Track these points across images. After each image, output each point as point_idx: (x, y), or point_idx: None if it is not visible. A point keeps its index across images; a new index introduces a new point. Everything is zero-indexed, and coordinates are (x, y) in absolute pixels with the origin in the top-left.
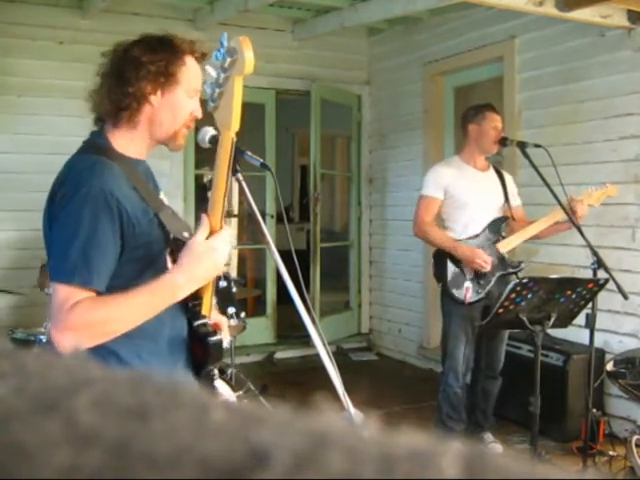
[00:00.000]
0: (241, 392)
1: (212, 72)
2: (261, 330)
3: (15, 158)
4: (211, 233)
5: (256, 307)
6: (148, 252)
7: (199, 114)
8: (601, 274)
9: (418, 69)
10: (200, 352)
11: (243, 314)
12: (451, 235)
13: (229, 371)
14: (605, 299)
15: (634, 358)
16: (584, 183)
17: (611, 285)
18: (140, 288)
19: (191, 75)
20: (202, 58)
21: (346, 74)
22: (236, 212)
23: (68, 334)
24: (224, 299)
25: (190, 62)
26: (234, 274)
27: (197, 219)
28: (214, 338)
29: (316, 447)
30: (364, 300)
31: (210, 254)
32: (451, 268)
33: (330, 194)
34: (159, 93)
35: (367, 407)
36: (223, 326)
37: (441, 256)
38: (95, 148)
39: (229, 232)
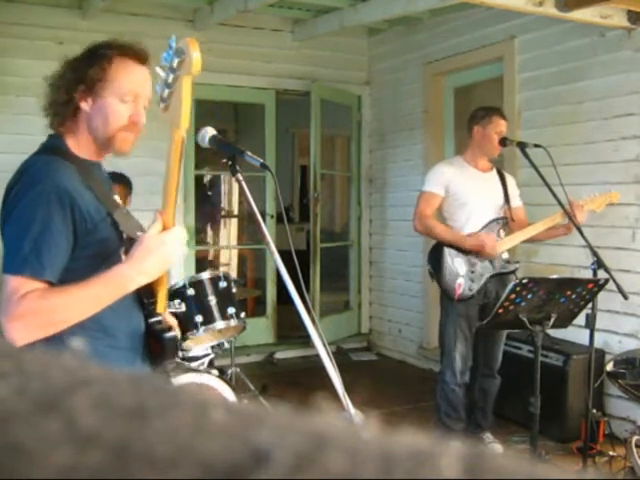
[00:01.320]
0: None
1: (161, 73)
2: (261, 330)
3: (15, 158)
4: (164, 229)
5: (256, 307)
6: (102, 250)
7: (138, 118)
8: (601, 274)
9: (418, 69)
10: (156, 348)
11: (243, 314)
12: None
13: (229, 371)
14: (605, 299)
15: (634, 358)
16: (584, 183)
17: (611, 285)
18: (91, 279)
19: (123, 78)
20: (142, 60)
21: (346, 74)
22: (236, 212)
23: (17, 324)
24: (224, 299)
25: (122, 66)
26: (234, 274)
27: (197, 219)
28: (169, 334)
29: (316, 447)
30: (364, 300)
31: (160, 248)
32: (445, 265)
33: (330, 194)
34: (90, 99)
35: (367, 407)
36: (174, 325)
37: (437, 252)
38: (51, 150)
39: (181, 230)
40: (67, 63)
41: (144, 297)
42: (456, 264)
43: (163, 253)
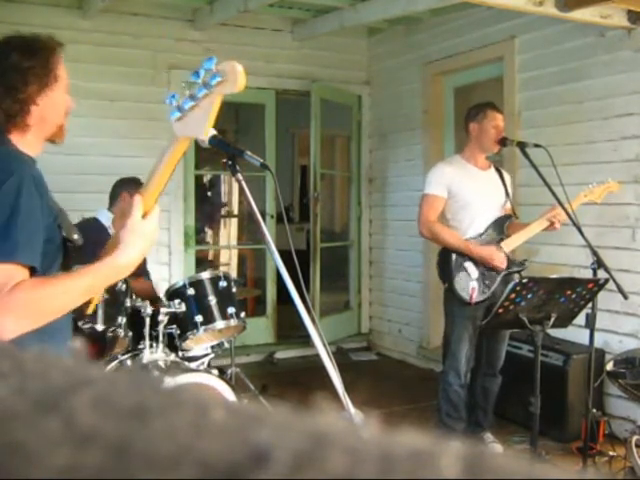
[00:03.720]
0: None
1: (187, 87)
2: (261, 330)
3: None
4: (145, 213)
5: (256, 307)
6: (51, 248)
7: (72, 104)
8: (601, 274)
9: (418, 69)
10: (90, 350)
11: (243, 314)
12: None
13: (229, 371)
14: (605, 299)
15: (634, 358)
16: (584, 183)
17: (611, 285)
18: (81, 270)
19: (63, 71)
20: (61, 49)
21: (346, 74)
22: (236, 212)
23: (9, 316)
24: (224, 299)
25: (60, 60)
26: (234, 274)
27: (197, 219)
28: (111, 333)
29: (316, 447)
30: (364, 300)
31: (144, 232)
32: (457, 268)
33: (330, 194)
34: (44, 94)
35: (367, 407)
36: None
37: (446, 256)
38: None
39: (157, 212)
40: (11, 61)
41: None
42: (467, 268)
43: (150, 237)
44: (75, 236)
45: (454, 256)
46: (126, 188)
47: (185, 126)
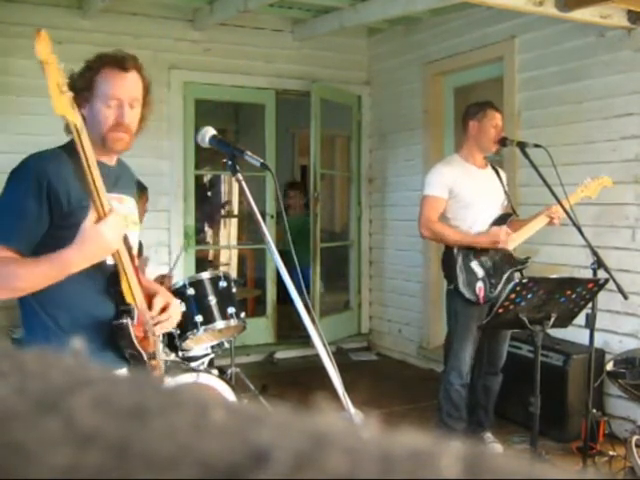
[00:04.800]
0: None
1: None
2: (261, 330)
3: (14, 158)
4: (98, 219)
5: (256, 307)
6: (74, 234)
7: (122, 119)
8: (601, 274)
9: (418, 69)
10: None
11: (243, 314)
12: None
13: (229, 371)
14: (605, 299)
15: (634, 358)
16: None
17: (611, 285)
18: (42, 257)
19: (105, 84)
20: (121, 66)
21: (346, 74)
22: (236, 212)
23: None
24: (224, 299)
25: (105, 73)
26: (234, 274)
27: (197, 219)
28: (117, 321)
29: (316, 447)
30: (364, 300)
31: (96, 237)
32: (462, 268)
33: (330, 194)
34: (86, 106)
35: (367, 407)
36: (172, 305)
37: (450, 256)
38: (64, 145)
39: (114, 217)
40: (75, 74)
41: (110, 286)
42: (473, 268)
43: (100, 241)
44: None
45: (459, 257)
46: None
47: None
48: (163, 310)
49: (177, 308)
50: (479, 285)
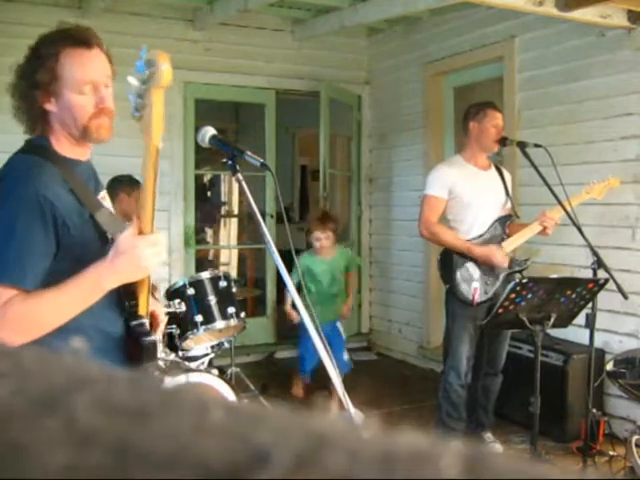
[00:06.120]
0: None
1: (134, 82)
2: (261, 330)
3: None
4: (140, 234)
5: (256, 307)
6: (84, 251)
7: (104, 103)
8: (601, 274)
9: (418, 69)
10: (135, 352)
11: (243, 314)
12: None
13: (229, 371)
14: (605, 299)
15: (634, 358)
16: (584, 183)
17: (611, 285)
18: (67, 282)
19: (72, 68)
20: (87, 46)
21: (346, 74)
22: (236, 212)
23: (3, 333)
24: (224, 299)
25: (69, 56)
26: (234, 274)
27: (197, 219)
28: (148, 339)
29: (316, 447)
30: (364, 300)
31: (131, 251)
32: (458, 269)
33: (330, 194)
34: (52, 99)
35: (367, 407)
36: (158, 316)
37: (448, 257)
38: (35, 148)
39: (159, 238)
40: (17, 70)
41: (125, 299)
42: (469, 269)
43: (134, 256)
44: (120, 233)
45: (456, 257)
46: (123, 189)
47: (143, 128)
48: (153, 316)
49: (162, 309)
50: (474, 286)
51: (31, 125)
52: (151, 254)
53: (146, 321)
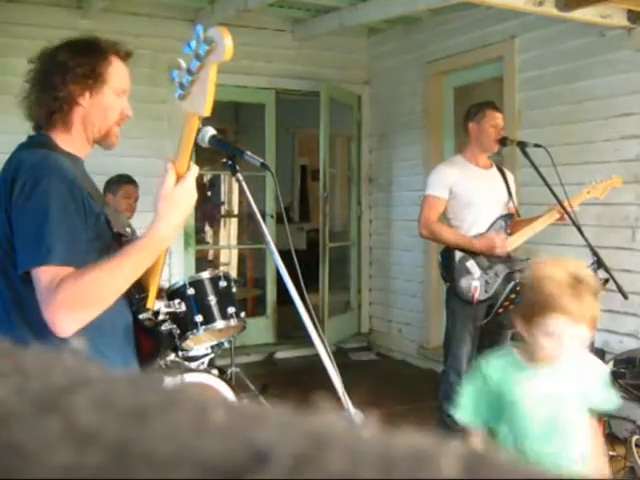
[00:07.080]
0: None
1: (182, 63)
2: (261, 330)
3: None
4: (178, 178)
5: (256, 307)
6: (98, 245)
7: (129, 112)
8: (601, 274)
9: (418, 69)
10: (146, 345)
11: (243, 314)
12: None
13: (229, 371)
14: (605, 299)
15: (634, 358)
16: (584, 183)
17: (611, 285)
18: (124, 249)
19: (117, 74)
20: (127, 58)
21: (346, 74)
22: (236, 212)
23: (61, 312)
24: (224, 299)
25: (116, 62)
26: (234, 274)
27: (197, 219)
28: (164, 328)
29: (316, 447)
30: (364, 300)
31: (183, 197)
32: (459, 268)
33: (330, 194)
34: (87, 95)
35: (367, 407)
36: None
37: (448, 255)
38: (39, 144)
39: (194, 172)
40: (52, 58)
41: (135, 292)
42: (469, 267)
43: (186, 202)
44: (128, 229)
45: (457, 256)
46: (110, 189)
47: (190, 103)
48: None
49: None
50: (474, 285)
51: (49, 117)
52: (193, 192)
53: (151, 315)
